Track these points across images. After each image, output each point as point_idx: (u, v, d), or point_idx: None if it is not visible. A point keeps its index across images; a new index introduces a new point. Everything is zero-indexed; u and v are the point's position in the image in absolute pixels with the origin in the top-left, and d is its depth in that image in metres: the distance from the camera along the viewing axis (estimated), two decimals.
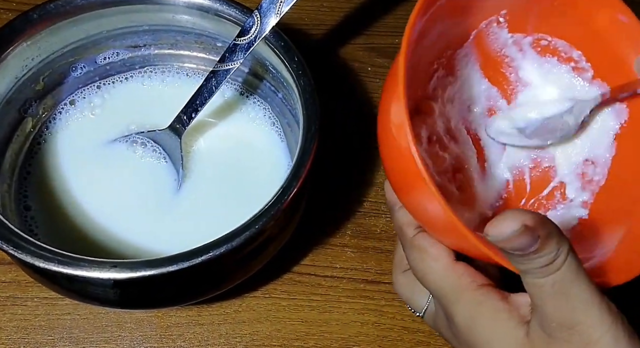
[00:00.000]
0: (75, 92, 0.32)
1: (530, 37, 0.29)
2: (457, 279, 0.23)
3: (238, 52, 0.28)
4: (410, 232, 0.25)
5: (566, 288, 0.19)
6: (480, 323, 0.22)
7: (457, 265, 0.23)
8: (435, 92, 0.30)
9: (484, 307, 0.22)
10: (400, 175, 0.24)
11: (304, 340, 0.30)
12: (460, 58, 0.29)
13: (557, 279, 0.19)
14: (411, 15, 0.23)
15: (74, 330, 0.29)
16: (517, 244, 0.18)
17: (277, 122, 0.33)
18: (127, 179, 0.31)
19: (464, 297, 0.22)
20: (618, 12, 0.26)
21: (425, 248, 0.24)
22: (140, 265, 0.22)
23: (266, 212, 0.24)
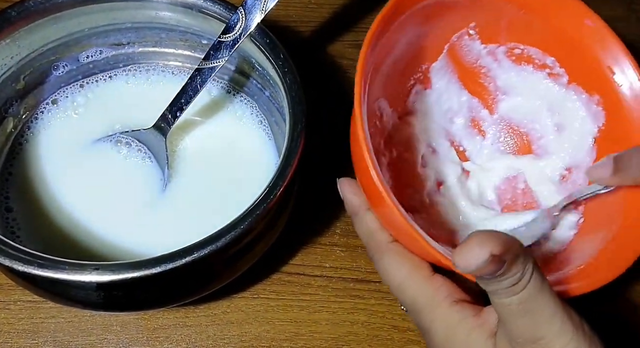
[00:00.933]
0: (57, 91, 0.32)
1: (503, 46, 0.29)
2: (433, 293, 0.23)
3: (223, 50, 0.28)
4: (385, 238, 0.24)
5: (531, 305, 0.19)
6: (455, 342, 0.22)
7: (434, 278, 0.23)
8: (415, 106, 0.30)
9: (459, 328, 0.22)
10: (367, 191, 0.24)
11: (293, 340, 0.30)
12: (436, 71, 0.30)
13: (522, 298, 0.19)
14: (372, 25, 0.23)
15: (59, 333, 0.29)
16: (485, 272, 0.18)
17: (264, 120, 0.33)
18: (111, 180, 0.30)
19: (439, 314, 0.22)
20: (584, 18, 0.27)
21: (403, 255, 0.24)
22: (123, 268, 0.21)
23: (251, 212, 0.23)
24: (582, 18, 0.27)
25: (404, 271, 0.23)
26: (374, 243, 0.25)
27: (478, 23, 0.28)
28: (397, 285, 0.23)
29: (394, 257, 0.24)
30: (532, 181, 0.31)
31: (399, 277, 0.23)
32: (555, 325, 0.19)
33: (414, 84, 0.29)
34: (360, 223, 0.25)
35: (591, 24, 0.26)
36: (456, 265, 0.18)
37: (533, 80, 0.29)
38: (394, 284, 0.24)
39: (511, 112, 0.31)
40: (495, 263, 0.18)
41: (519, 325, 0.19)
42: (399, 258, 0.24)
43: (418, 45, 0.27)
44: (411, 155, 0.30)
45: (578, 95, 0.28)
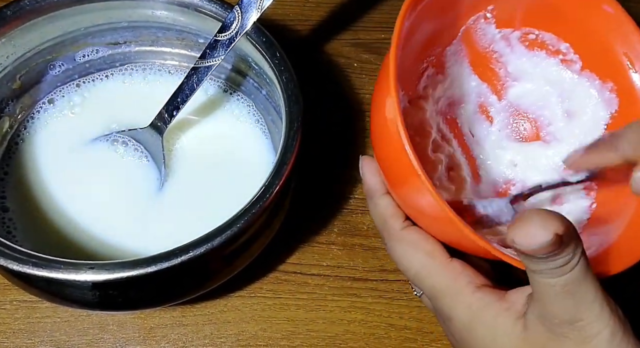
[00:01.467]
0: (54, 90, 0.32)
1: (518, 31, 0.29)
2: (454, 280, 0.22)
3: (219, 48, 0.28)
4: (398, 225, 0.24)
5: (575, 288, 0.19)
6: (479, 328, 0.21)
7: (453, 263, 0.23)
8: (426, 90, 0.29)
9: (484, 313, 0.21)
10: (394, 169, 0.23)
11: (290, 339, 0.30)
12: (449, 55, 0.29)
13: (569, 280, 0.19)
14: (401, 9, 0.22)
15: (55, 333, 0.29)
16: (545, 251, 0.18)
17: (261, 119, 0.33)
18: (108, 179, 0.30)
19: (462, 302, 0.22)
20: (603, 3, 0.26)
21: (418, 242, 0.23)
22: (118, 267, 0.21)
23: (247, 210, 0.23)
24: (600, 3, 0.26)
25: (420, 259, 0.23)
26: (387, 230, 0.24)
27: (496, 6, 0.28)
28: (414, 273, 0.23)
29: (409, 245, 0.23)
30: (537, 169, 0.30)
31: (416, 265, 0.23)
32: (595, 309, 0.19)
33: (427, 67, 0.29)
34: (375, 207, 0.25)
35: (610, 10, 0.26)
36: (517, 243, 0.18)
37: (545, 66, 0.29)
38: (411, 273, 0.23)
39: (520, 98, 0.30)
40: (556, 244, 0.17)
41: (560, 306, 0.19)
42: (413, 245, 0.23)
43: (435, 28, 0.27)
44: (422, 139, 0.29)
45: (591, 81, 0.28)
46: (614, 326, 0.19)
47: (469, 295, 0.22)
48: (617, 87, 0.27)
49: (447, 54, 0.29)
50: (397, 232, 0.24)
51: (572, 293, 0.19)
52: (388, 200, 0.24)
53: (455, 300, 0.22)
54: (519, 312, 0.21)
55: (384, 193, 0.24)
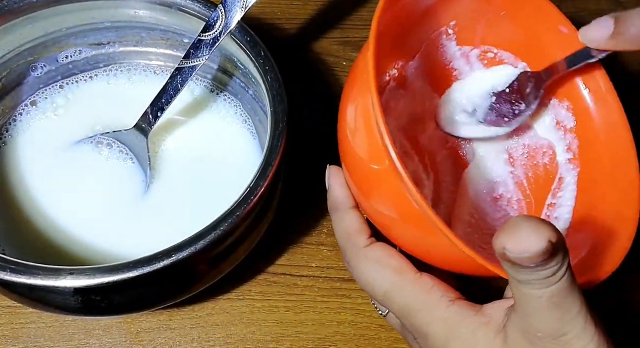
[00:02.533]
0: (36, 92, 0.31)
1: (477, 49, 0.29)
2: (426, 294, 0.21)
3: (203, 48, 0.28)
4: (362, 241, 0.23)
5: (561, 299, 0.18)
6: (457, 343, 0.21)
7: (423, 278, 0.22)
8: (388, 104, 0.29)
9: (461, 327, 0.21)
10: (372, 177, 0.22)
11: (279, 341, 0.30)
12: (411, 70, 0.29)
13: (555, 291, 0.18)
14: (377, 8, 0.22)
15: (40, 338, 0.28)
16: (536, 261, 0.17)
17: (248, 119, 0.32)
18: (92, 182, 0.30)
19: (437, 317, 0.21)
20: (558, 24, 0.26)
21: (383, 259, 0.22)
22: (99, 272, 0.21)
23: (232, 213, 0.23)
24: (556, 24, 0.26)
25: (388, 276, 0.22)
26: (351, 247, 0.23)
27: (458, 21, 0.28)
28: (384, 293, 0.22)
29: (375, 262, 0.22)
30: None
31: (385, 283, 0.22)
32: (579, 322, 0.18)
33: (389, 80, 0.29)
34: (340, 222, 0.24)
35: (565, 30, 0.26)
36: (508, 250, 0.17)
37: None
38: (380, 292, 0.22)
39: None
40: (548, 252, 0.17)
41: (544, 319, 0.18)
42: (379, 263, 0.22)
43: (400, 39, 0.27)
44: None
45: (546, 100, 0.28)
46: (598, 340, 0.19)
47: (444, 309, 0.21)
48: (572, 106, 0.27)
49: (409, 68, 0.29)
50: (360, 249, 0.22)
51: (559, 305, 0.18)
52: (354, 214, 0.23)
53: (430, 315, 0.21)
54: (498, 325, 0.20)
55: (350, 207, 0.23)
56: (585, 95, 0.27)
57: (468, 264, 0.20)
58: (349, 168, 0.24)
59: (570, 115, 0.28)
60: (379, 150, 0.20)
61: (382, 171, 0.21)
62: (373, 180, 0.22)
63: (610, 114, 0.26)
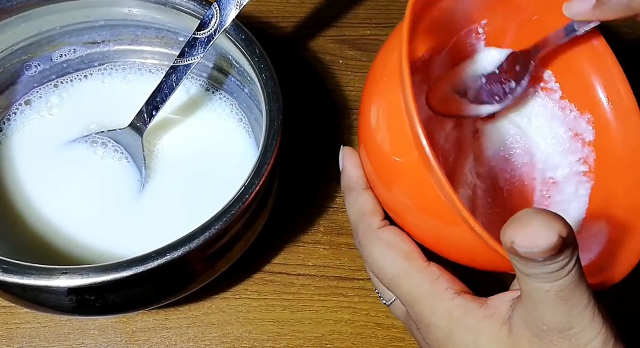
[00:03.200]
0: (30, 91, 0.31)
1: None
2: (432, 284, 0.21)
3: (198, 47, 0.27)
4: (376, 223, 0.22)
5: (569, 293, 0.18)
6: (462, 334, 0.21)
7: (430, 267, 0.22)
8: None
9: (466, 319, 0.21)
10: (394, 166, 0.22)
11: (276, 340, 0.30)
12: (436, 66, 0.29)
13: (564, 285, 0.18)
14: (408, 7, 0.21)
15: (34, 339, 0.28)
16: (547, 255, 0.16)
17: (244, 118, 0.32)
18: (87, 181, 0.29)
19: (441, 307, 0.21)
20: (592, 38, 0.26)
21: (395, 243, 0.22)
22: (92, 271, 0.21)
23: (226, 212, 0.23)
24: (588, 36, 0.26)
25: (397, 261, 0.22)
26: (364, 227, 0.23)
27: (490, 20, 0.27)
28: (391, 277, 0.22)
29: (386, 246, 0.22)
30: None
31: (393, 268, 0.22)
32: (586, 316, 0.18)
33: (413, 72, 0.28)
34: (354, 202, 0.23)
35: (595, 42, 0.26)
36: (518, 245, 0.16)
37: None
38: (387, 276, 0.22)
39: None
40: (559, 246, 0.16)
41: (551, 312, 0.18)
42: (391, 246, 0.22)
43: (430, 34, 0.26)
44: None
45: (567, 111, 0.28)
46: (605, 334, 0.18)
47: (449, 301, 0.21)
48: (594, 119, 0.27)
49: (435, 63, 0.29)
50: (374, 230, 0.22)
51: (566, 299, 0.18)
52: (368, 195, 0.23)
53: (434, 305, 0.21)
54: (503, 317, 0.20)
55: (364, 188, 0.23)
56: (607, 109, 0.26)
57: (485, 257, 0.20)
58: (370, 153, 0.23)
59: (590, 128, 0.27)
60: (407, 141, 0.20)
61: (408, 162, 0.20)
62: (396, 169, 0.22)
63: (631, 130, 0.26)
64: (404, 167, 0.21)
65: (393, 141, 0.22)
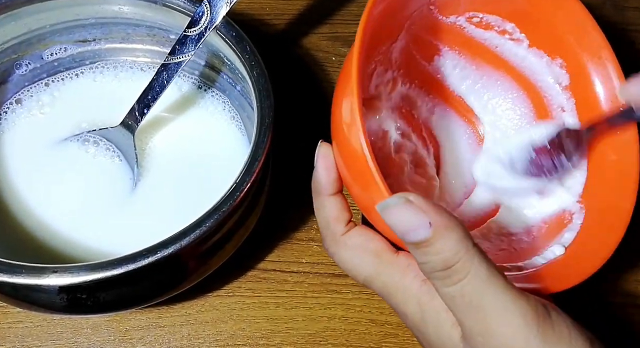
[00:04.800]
0: (21, 90, 0.31)
1: (462, 16, 0.29)
2: (402, 275, 0.22)
3: (189, 44, 0.27)
4: (340, 229, 0.23)
5: (478, 299, 0.18)
6: (432, 318, 0.21)
7: (399, 259, 0.22)
8: (378, 89, 0.29)
9: (430, 307, 0.21)
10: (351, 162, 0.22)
11: (269, 337, 0.30)
12: (395, 51, 0.29)
13: (465, 290, 0.18)
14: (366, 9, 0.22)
15: (27, 338, 0.28)
16: (400, 220, 0.17)
17: (236, 116, 0.32)
18: (79, 180, 0.29)
19: (411, 297, 0.22)
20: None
21: (361, 245, 0.22)
22: (83, 270, 0.21)
23: (217, 209, 0.23)
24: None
25: (367, 261, 0.22)
26: (330, 234, 0.23)
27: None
28: (364, 278, 0.23)
29: (353, 249, 0.22)
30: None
31: (364, 269, 0.22)
32: (513, 320, 0.18)
33: (375, 67, 0.29)
34: (321, 208, 0.24)
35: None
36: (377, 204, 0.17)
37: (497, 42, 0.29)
38: (360, 278, 0.23)
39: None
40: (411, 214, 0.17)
41: (471, 321, 0.18)
42: (357, 249, 0.22)
43: (381, 26, 0.27)
44: (383, 143, 0.29)
45: (539, 58, 0.28)
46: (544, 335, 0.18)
47: (417, 289, 0.21)
48: (566, 63, 0.27)
49: (394, 50, 0.29)
50: (339, 237, 0.23)
51: (476, 305, 0.18)
52: (334, 200, 0.23)
53: (405, 295, 0.22)
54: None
55: (331, 194, 0.23)
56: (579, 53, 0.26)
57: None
58: (336, 148, 0.24)
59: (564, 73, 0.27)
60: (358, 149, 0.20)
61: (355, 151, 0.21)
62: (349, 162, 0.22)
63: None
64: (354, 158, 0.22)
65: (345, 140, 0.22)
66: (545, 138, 0.27)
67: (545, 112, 0.29)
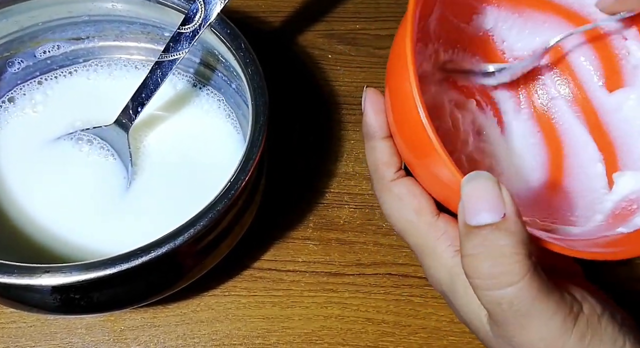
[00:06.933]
0: (14, 88, 0.30)
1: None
2: (435, 241, 0.21)
3: (183, 42, 0.27)
4: (389, 175, 0.22)
5: (528, 307, 0.17)
6: (457, 297, 0.21)
7: (438, 222, 0.22)
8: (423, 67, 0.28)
9: (458, 282, 0.21)
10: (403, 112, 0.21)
11: (266, 337, 0.29)
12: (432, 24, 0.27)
13: (515, 296, 0.17)
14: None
15: (21, 338, 0.28)
16: (480, 196, 0.17)
17: (232, 114, 0.32)
18: (73, 179, 0.29)
19: (442, 265, 0.21)
20: None
21: (406, 197, 0.22)
22: (75, 269, 0.20)
23: (212, 208, 0.23)
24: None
25: (406, 215, 0.22)
26: (378, 178, 0.23)
27: None
28: (400, 229, 0.22)
29: (396, 198, 0.22)
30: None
31: (402, 221, 0.22)
32: (554, 325, 0.18)
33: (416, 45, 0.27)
34: (372, 151, 0.23)
35: None
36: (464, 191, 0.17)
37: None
38: (397, 227, 0.22)
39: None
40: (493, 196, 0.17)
41: (513, 326, 0.18)
42: (401, 200, 0.22)
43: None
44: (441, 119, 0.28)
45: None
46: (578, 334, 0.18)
47: (449, 259, 0.21)
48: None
49: (430, 24, 0.27)
50: (387, 182, 0.22)
51: (523, 314, 0.17)
52: (385, 145, 0.23)
53: (436, 262, 0.21)
54: None
55: (383, 137, 0.23)
56: None
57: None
58: (388, 100, 0.23)
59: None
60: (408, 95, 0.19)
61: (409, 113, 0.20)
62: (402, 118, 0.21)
63: None
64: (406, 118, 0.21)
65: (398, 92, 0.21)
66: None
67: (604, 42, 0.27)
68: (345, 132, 0.36)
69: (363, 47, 0.38)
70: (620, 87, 0.27)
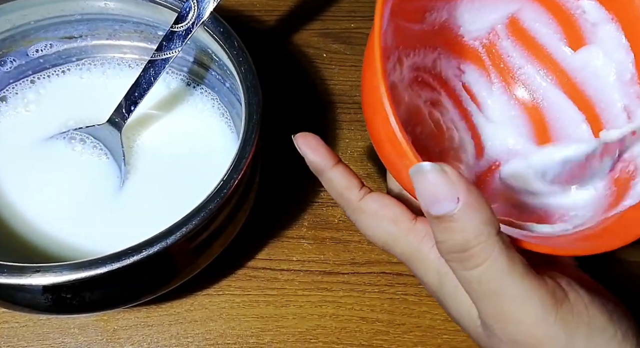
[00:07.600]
0: (6, 87, 0.30)
1: None
2: (418, 245, 0.21)
3: (176, 40, 0.27)
4: (354, 196, 0.22)
5: (496, 286, 0.17)
6: (446, 297, 0.21)
7: (416, 226, 0.22)
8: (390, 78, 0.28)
9: (447, 282, 0.21)
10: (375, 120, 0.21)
11: (260, 336, 0.29)
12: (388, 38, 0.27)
13: (483, 276, 0.17)
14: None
15: (13, 339, 0.28)
16: (429, 188, 0.17)
17: (226, 113, 0.32)
18: (66, 178, 0.29)
19: (429, 267, 0.21)
20: None
21: (378, 211, 0.22)
22: (66, 269, 0.20)
23: (204, 207, 0.23)
24: None
25: (384, 228, 0.22)
26: (345, 203, 0.23)
27: None
28: (383, 244, 0.22)
29: (370, 216, 0.22)
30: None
31: (382, 235, 0.22)
32: (531, 309, 0.17)
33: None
34: (329, 183, 0.23)
35: None
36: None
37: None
38: (380, 243, 0.22)
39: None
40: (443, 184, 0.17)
41: (488, 307, 0.18)
42: (374, 215, 0.22)
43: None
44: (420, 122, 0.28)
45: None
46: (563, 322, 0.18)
47: (435, 260, 0.21)
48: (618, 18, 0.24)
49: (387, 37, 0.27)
50: (356, 203, 0.22)
51: (494, 292, 0.17)
52: (338, 172, 0.23)
53: (423, 265, 0.21)
54: None
55: (332, 167, 0.23)
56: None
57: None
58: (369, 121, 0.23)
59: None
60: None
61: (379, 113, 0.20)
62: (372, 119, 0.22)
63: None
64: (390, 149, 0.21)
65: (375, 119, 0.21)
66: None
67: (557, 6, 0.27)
68: (340, 131, 0.36)
69: (358, 46, 0.38)
70: (583, 45, 0.27)
